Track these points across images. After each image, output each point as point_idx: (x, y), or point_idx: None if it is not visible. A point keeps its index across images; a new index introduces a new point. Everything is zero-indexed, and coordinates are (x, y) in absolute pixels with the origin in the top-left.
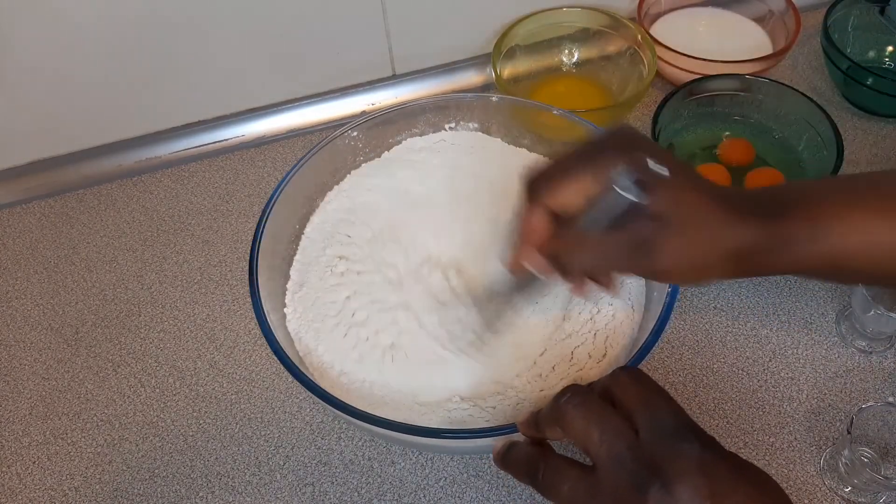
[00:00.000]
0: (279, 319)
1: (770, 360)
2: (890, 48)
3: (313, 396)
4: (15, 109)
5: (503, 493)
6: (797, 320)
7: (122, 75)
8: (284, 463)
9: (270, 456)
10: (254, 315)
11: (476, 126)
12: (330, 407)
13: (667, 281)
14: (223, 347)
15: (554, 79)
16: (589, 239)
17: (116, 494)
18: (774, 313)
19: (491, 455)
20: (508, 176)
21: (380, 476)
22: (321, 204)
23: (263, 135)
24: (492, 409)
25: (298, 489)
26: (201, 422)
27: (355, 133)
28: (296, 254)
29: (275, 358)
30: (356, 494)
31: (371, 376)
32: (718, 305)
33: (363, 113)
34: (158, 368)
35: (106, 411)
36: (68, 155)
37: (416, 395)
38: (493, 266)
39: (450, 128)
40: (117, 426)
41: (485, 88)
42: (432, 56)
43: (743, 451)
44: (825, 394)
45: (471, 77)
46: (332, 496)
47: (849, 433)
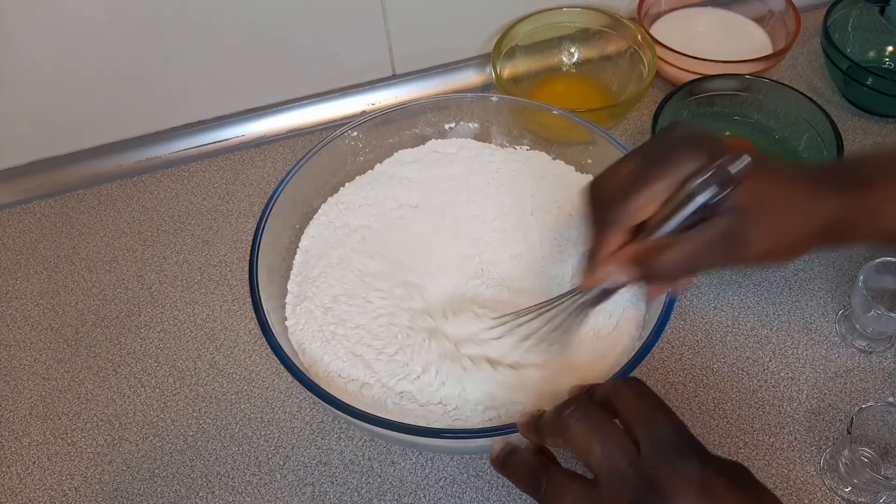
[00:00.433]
0: (279, 319)
1: (770, 360)
2: (890, 48)
3: (313, 396)
4: (15, 109)
5: (503, 493)
6: (797, 320)
7: (122, 75)
8: (284, 463)
9: (270, 456)
10: (253, 315)
11: (476, 126)
12: (330, 407)
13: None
14: (223, 347)
15: (554, 79)
16: (676, 241)
17: (116, 494)
18: (774, 313)
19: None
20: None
21: (380, 476)
22: (321, 206)
23: (263, 135)
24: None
25: (298, 489)
26: (201, 422)
27: (355, 133)
28: (296, 254)
29: (275, 358)
30: (356, 494)
31: (371, 376)
32: (718, 305)
33: (363, 113)
34: (158, 368)
35: (106, 411)
36: (68, 155)
37: (417, 396)
38: (532, 282)
39: (450, 128)
40: (117, 426)
41: (485, 88)
42: (432, 56)
43: (743, 451)
44: (825, 394)
45: (471, 77)
46: (332, 496)
47: (849, 433)
